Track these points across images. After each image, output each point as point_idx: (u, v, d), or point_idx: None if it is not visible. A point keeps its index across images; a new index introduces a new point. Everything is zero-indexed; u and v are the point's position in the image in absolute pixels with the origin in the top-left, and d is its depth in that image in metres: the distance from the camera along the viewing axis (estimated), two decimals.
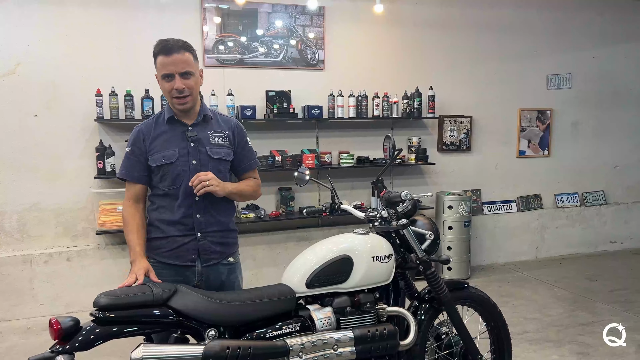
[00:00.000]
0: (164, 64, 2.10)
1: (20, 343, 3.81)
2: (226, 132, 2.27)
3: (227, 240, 2.27)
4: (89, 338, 1.72)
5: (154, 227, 2.21)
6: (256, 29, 4.84)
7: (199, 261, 2.19)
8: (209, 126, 2.24)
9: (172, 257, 2.17)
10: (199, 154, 2.18)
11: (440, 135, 5.53)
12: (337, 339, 2.08)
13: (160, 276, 2.14)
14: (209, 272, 2.21)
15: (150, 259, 2.18)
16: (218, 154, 2.21)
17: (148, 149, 2.16)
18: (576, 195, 6.19)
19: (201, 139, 2.19)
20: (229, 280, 2.28)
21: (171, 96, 2.13)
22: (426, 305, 2.50)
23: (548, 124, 5.97)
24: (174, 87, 2.09)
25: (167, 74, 2.10)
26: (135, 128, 2.22)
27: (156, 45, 2.13)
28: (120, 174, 2.22)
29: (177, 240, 2.17)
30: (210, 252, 2.20)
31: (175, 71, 2.09)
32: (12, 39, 4.20)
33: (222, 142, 2.25)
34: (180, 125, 2.20)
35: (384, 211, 2.42)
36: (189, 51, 2.15)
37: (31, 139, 4.31)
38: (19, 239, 4.33)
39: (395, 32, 5.29)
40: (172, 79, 2.10)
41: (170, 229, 2.17)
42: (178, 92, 2.10)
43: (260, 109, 4.81)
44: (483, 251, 5.77)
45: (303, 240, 4.99)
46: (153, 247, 2.20)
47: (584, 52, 6.01)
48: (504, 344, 2.72)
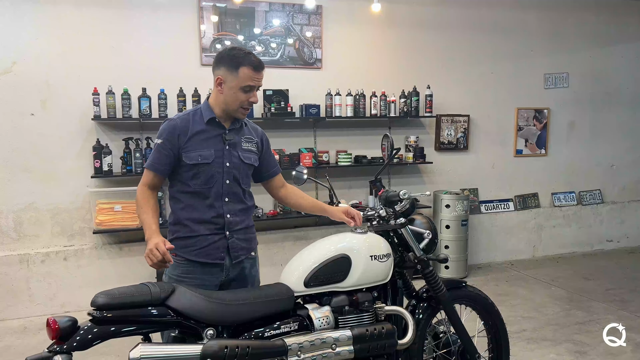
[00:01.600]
0: (252, 77, 2.18)
1: (17, 343, 3.79)
2: (255, 139, 2.37)
3: (250, 236, 2.37)
4: (86, 338, 1.71)
5: (183, 225, 2.23)
6: (253, 28, 4.83)
7: (228, 258, 2.25)
8: (242, 132, 2.33)
9: (202, 255, 2.21)
10: (232, 157, 2.26)
11: (437, 134, 5.54)
12: (335, 338, 2.08)
13: (187, 274, 2.19)
14: (235, 267, 2.28)
15: (179, 257, 2.21)
16: (249, 159, 2.32)
17: (183, 146, 2.18)
18: (573, 195, 6.21)
19: (236, 143, 2.28)
20: (251, 274, 2.36)
21: (241, 106, 2.21)
22: (424, 304, 2.51)
23: (545, 123, 5.98)
24: (251, 100, 2.21)
25: (252, 86, 2.19)
26: (169, 122, 2.23)
27: (243, 55, 2.19)
28: (148, 165, 2.22)
29: (208, 238, 2.22)
30: (239, 249, 2.28)
31: (257, 86, 2.22)
32: (8, 37, 4.18)
33: (252, 148, 2.35)
34: (219, 128, 2.25)
35: (382, 210, 2.42)
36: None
37: (27, 138, 4.29)
38: (15, 239, 4.31)
39: (393, 32, 5.29)
40: (251, 92, 2.20)
41: (200, 227, 2.21)
42: (249, 104, 2.22)
43: (258, 108, 4.81)
44: (480, 250, 5.78)
45: (300, 240, 4.99)
46: (181, 246, 2.22)
47: (580, 51, 6.02)
48: (501, 343, 2.73)
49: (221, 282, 2.25)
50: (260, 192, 5.34)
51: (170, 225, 2.28)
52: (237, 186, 2.28)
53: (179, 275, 2.20)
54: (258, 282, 2.42)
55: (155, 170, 2.20)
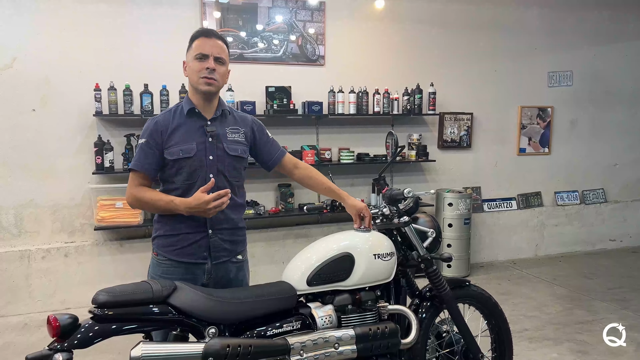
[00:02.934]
0: (202, 44, 2.09)
1: (17, 340, 3.78)
2: (243, 129, 2.25)
3: (237, 238, 2.24)
4: (87, 335, 1.69)
5: (163, 223, 2.16)
6: (256, 24, 4.80)
7: (209, 259, 2.15)
8: (227, 122, 2.21)
9: (183, 255, 2.13)
10: (217, 149, 2.15)
11: (440, 132, 5.51)
12: (338, 337, 2.06)
13: (169, 274, 2.12)
14: (218, 270, 2.18)
15: (160, 257, 2.15)
16: (235, 151, 2.18)
17: (165, 142, 2.11)
18: (576, 194, 6.18)
19: (219, 134, 2.16)
20: (237, 278, 2.26)
21: (199, 76, 2.09)
22: (427, 303, 2.49)
23: (549, 122, 5.95)
24: (207, 66, 2.07)
25: (203, 53, 2.08)
26: (151, 120, 2.16)
27: (196, 31, 2.16)
28: (133, 164, 2.14)
29: (189, 237, 2.13)
30: (221, 249, 2.17)
31: (211, 53, 2.09)
32: (8, 33, 4.15)
33: (239, 139, 2.22)
34: (199, 119, 2.16)
35: (386, 208, 2.40)
36: (226, 44, 2.18)
37: (27, 134, 4.27)
38: (15, 235, 4.30)
39: (397, 28, 5.26)
40: (206, 60, 2.08)
41: (181, 225, 2.12)
42: (209, 71, 2.07)
43: (260, 105, 4.78)
44: (483, 249, 5.76)
45: (302, 237, 4.97)
46: (163, 245, 2.16)
47: (584, 50, 5.99)
48: (505, 343, 2.71)
49: (202, 284, 2.12)
50: (261, 189, 5.34)
51: (154, 223, 2.21)
52: (224, 180, 2.15)
53: (161, 275, 2.13)
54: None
55: (141, 169, 2.10)
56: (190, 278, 2.10)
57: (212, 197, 1.96)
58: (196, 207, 1.98)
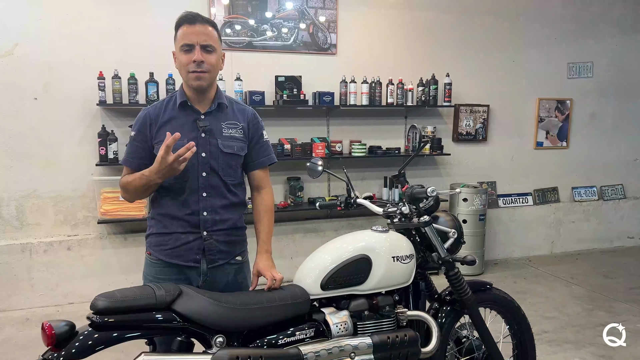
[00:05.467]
0: (186, 33, 1.90)
1: (18, 335, 3.66)
2: (241, 124, 2.06)
3: (234, 238, 2.07)
4: (86, 344, 1.56)
5: (156, 221, 2.03)
6: (266, 11, 4.62)
7: (204, 261, 2.00)
8: (223, 116, 2.03)
9: (173, 256, 1.98)
10: (210, 146, 1.97)
11: (455, 124, 5.32)
12: (354, 346, 1.93)
13: (162, 275, 2.00)
14: (214, 273, 2.03)
15: (152, 257, 2.03)
16: (230, 148, 2.01)
17: (154, 136, 1.95)
18: (594, 189, 5.99)
19: (213, 130, 1.98)
20: (236, 280, 2.09)
21: (187, 70, 1.91)
22: (447, 307, 2.35)
23: (567, 115, 5.75)
24: (193, 59, 1.88)
25: (188, 44, 1.89)
26: (142, 111, 2.01)
27: (179, 17, 1.95)
28: (123, 160, 2.02)
29: (181, 237, 1.97)
30: (216, 251, 2.01)
31: (196, 42, 1.89)
32: (9, 17, 4.00)
33: (236, 135, 2.03)
34: (192, 112, 1.98)
35: (405, 207, 2.24)
36: (213, 27, 1.96)
37: (28, 122, 4.12)
38: (17, 227, 4.18)
39: (411, 16, 5.06)
40: (192, 51, 1.89)
41: (172, 224, 1.98)
42: (196, 64, 1.89)
43: (270, 95, 4.62)
44: (497, 245, 5.59)
45: (311, 232, 4.83)
46: (154, 243, 2.03)
47: (605, 40, 5.77)
48: (527, 348, 2.57)
49: (198, 287, 1.94)
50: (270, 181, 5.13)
51: (148, 220, 2.08)
52: (217, 179, 1.98)
53: (155, 276, 2.00)
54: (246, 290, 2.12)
55: (130, 166, 1.97)
56: (184, 280, 1.97)
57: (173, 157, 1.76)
58: (162, 169, 1.78)
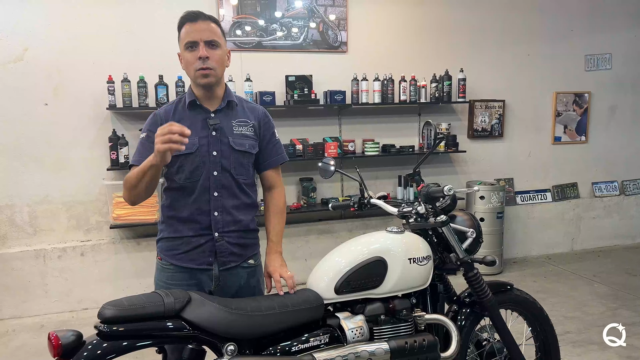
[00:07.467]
0: (188, 31, 1.88)
1: (32, 342, 3.64)
2: (252, 122, 2.02)
3: (247, 241, 2.02)
4: (95, 354, 1.51)
5: (167, 225, 1.99)
6: (275, 10, 4.56)
7: (216, 264, 1.95)
8: (233, 114, 2.00)
9: (186, 260, 1.95)
10: (221, 144, 1.94)
11: (470, 121, 5.21)
12: (371, 352, 1.85)
13: (173, 280, 1.96)
14: (226, 276, 1.98)
15: (163, 261, 1.99)
16: (241, 146, 1.97)
17: None
18: (615, 184, 5.83)
19: (224, 128, 1.95)
20: (249, 284, 2.04)
21: (194, 68, 1.88)
22: (467, 310, 2.26)
23: (586, 108, 5.60)
24: (198, 56, 1.85)
25: (191, 41, 1.87)
26: (153, 113, 2.00)
27: (181, 17, 1.92)
28: (133, 160, 1.94)
29: (192, 241, 1.94)
30: (228, 254, 1.96)
31: (200, 38, 1.86)
32: (19, 22, 4.00)
33: (247, 133, 2.00)
34: (202, 112, 1.96)
35: (421, 206, 2.16)
36: (216, 23, 1.93)
37: (39, 127, 4.11)
38: (31, 234, 4.18)
39: (423, 12, 4.96)
40: (196, 48, 1.87)
41: (184, 228, 1.95)
42: (202, 61, 1.86)
43: (280, 95, 4.56)
44: (516, 243, 5.47)
45: (324, 233, 4.77)
46: (165, 248, 1.99)
47: (624, 30, 5.61)
48: (551, 351, 2.47)
49: (210, 291, 1.93)
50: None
51: (159, 224, 2.04)
52: (229, 178, 1.96)
53: (166, 281, 1.97)
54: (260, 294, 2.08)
55: (138, 164, 1.87)
56: (196, 284, 1.93)
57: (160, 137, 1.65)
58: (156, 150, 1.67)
